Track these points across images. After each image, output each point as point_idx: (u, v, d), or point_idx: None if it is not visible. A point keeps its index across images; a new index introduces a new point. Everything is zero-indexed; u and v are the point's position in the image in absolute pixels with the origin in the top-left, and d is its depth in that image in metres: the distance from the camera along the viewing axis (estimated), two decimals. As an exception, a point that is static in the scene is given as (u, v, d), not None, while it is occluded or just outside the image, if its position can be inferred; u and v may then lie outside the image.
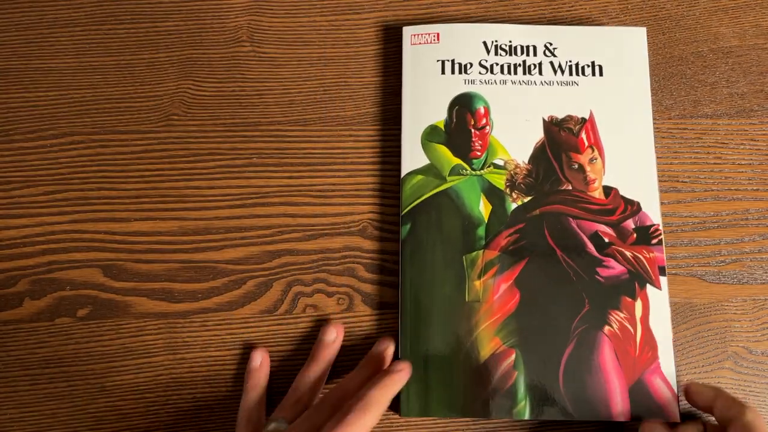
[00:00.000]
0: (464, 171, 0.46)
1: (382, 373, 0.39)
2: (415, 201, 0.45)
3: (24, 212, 0.47)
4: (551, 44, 0.49)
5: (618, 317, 0.43)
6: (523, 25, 0.49)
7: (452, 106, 0.47)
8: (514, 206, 0.45)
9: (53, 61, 0.50)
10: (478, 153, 0.47)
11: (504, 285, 0.44)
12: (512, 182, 0.46)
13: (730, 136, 0.49)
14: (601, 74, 0.48)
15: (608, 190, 0.46)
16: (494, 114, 0.47)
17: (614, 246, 0.45)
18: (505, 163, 0.46)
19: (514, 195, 0.46)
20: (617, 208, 0.45)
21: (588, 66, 0.48)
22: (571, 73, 0.48)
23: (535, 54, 0.49)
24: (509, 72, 0.48)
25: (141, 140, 0.48)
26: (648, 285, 0.44)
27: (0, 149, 0.48)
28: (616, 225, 0.45)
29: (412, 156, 0.46)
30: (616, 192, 0.46)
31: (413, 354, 0.43)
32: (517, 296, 0.44)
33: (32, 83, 0.50)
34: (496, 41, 0.49)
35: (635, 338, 0.43)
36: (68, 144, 0.48)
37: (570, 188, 0.46)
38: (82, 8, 0.52)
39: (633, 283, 0.44)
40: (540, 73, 0.48)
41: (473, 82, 0.48)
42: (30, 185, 0.48)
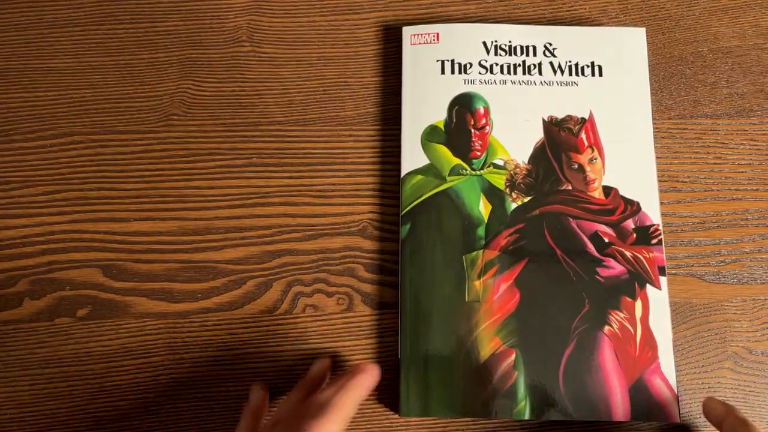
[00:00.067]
0: (464, 171, 0.46)
1: (347, 375, 0.38)
2: (415, 201, 0.45)
3: (24, 212, 0.47)
4: (551, 44, 0.49)
5: (618, 317, 0.43)
6: (523, 26, 0.49)
7: (452, 106, 0.47)
8: (514, 206, 0.45)
9: (53, 61, 0.50)
10: (478, 153, 0.47)
11: (504, 285, 0.44)
12: (512, 182, 0.46)
13: (730, 136, 0.49)
14: (601, 74, 0.48)
15: (608, 190, 0.46)
16: (494, 114, 0.47)
17: (614, 246, 0.45)
18: (505, 163, 0.46)
19: (514, 195, 0.46)
20: (617, 208, 0.45)
21: (588, 66, 0.48)
22: (571, 74, 0.48)
23: (535, 54, 0.49)
24: (509, 72, 0.48)
25: (141, 140, 0.48)
26: (648, 285, 0.44)
27: (0, 149, 0.48)
28: (616, 225, 0.45)
29: (412, 156, 0.46)
30: (616, 192, 0.46)
31: (413, 354, 0.43)
32: (517, 296, 0.44)
33: (32, 83, 0.50)
34: (496, 41, 0.49)
35: (635, 338, 0.43)
36: (68, 144, 0.48)
37: (570, 188, 0.46)
38: (82, 8, 0.52)
39: (633, 283, 0.44)
40: (540, 73, 0.48)
41: (473, 82, 0.48)
42: (30, 185, 0.47)
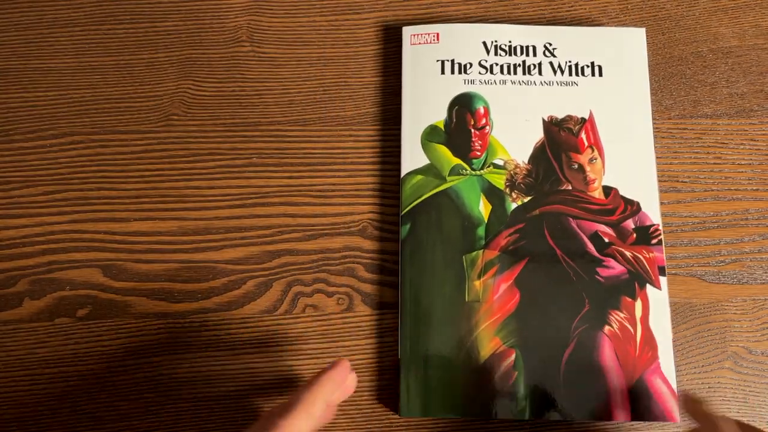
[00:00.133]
0: (464, 171, 0.46)
1: (318, 373, 0.36)
2: (415, 201, 0.45)
3: (23, 212, 0.47)
4: (551, 44, 0.49)
5: (618, 317, 0.43)
6: (523, 26, 0.49)
7: (452, 106, 0.47)
8: (514, 206, 0.45)
9: (53, 61, 0.50)
10: (478, 153, 0.47)
11: (504, 285, 0.44)
12: (512, 182, 0.46)
13: (730, 136, 0.49)
14: (601, 74, 0.48)
15: (608, 190, 0.46)
16: (494, 114, 0.47)
17: (614, 246, 0.45)
18: (505, 163, 0.46)
19: (514, 195, 0.46)
20: (617, 208, 0.45)
21: (588, 66, 0.48)
22: (571, 74, 0.48)
23: (535, 54, 0.49)
24: (509, 72, 0.48)
25: (141, 140, 0.48)
26: (648, 285, 0.44)
27: (0, 149, 0.48)
28: (616, 225, 0.45)
29: (412, 156, 0.46)
30: (616, 192, 0.46)
31: (413, 354, 0.43)
32: (517, 296, 0.44)
33: (32, 83, 0.50)
34: (496, 41, 0.49)
35: (635, 338, 0.43)
36: (68, 144, 0.48)
37: (570, 188, 0.46)
38: (82, 8, 0.52)
39: (633, 283, 0.44)
40: (540, 74, 0.48)
41: (473, 82, 0.48)
42: (29, 185, 0.47)
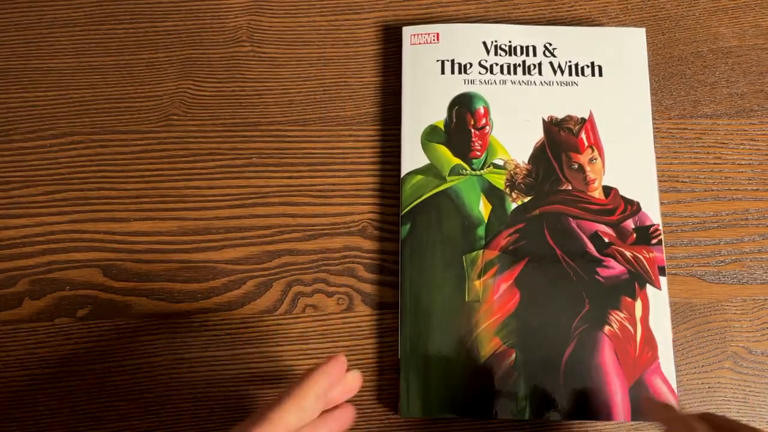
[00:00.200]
0: (464, 171, 0.46)
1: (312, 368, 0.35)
2: (415, 201, 0.45)
3: (23, 212, 0.47)
4: (551, 44, 0.49)
5: (618, 317, 0.43)
6: (523, 26, 0.49)
7: (452, 106, 0.47)
8: (514, 206, 0.45)
9: (52, 61, 0.50)
10: (478, 153, 0.47)
11: (504, 285, 0.44)
12: (512, 182, 0.46)
13: (730, 136, 0.49)
14: (601, 74, 0.48)
15: (608, 190, 0.46)
16: (494, 114, 0.47)
17: (614, 246, 0.45)
18: (505, 163, 0.46)
19: (514, 195, 0.46)
20: (617, 208, 0.45)
21: (588, 66, 0.48)
22: (571, 74, 0.48)
23: (535, 54, 0.49)
24: (509, 72, 0.48)
25: (141, 140, 0.48)
26: (648, 285, 0.44)
27: (0, 149, 0.48)
28: (616, 225, 0.45)
29: (412, 156, 0.46)
30: (616, 192, 0.46)
31: (413, 354, 0.43)
32: (517, 296, 0.44)
33: (31, 83, 0.50)
34: (496, 41, 0.49)
35: (635, 338, 0.43)
36: (68, 144, 0.48)
37: (570, 188, 0.46)
38: (81, 8, 0.52)
39: (633, 283, 0.44)
40: (540, 74, 0.48)
41: (473, 82, 0.48)
42: (29, 185, 0.47)
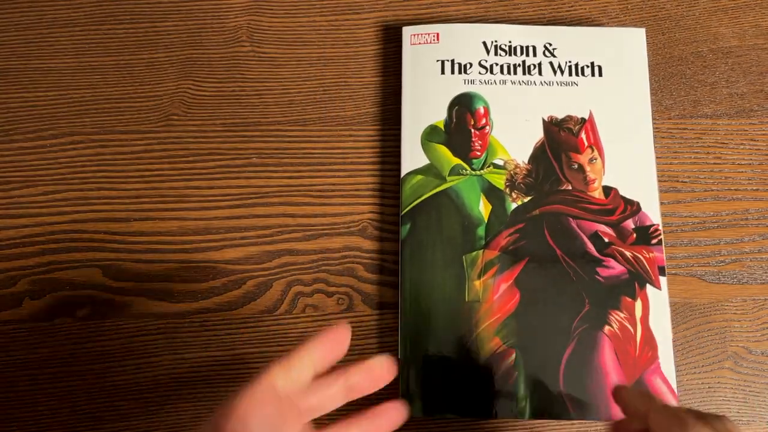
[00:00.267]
0: (464, 171, 0.46)
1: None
2: (415, 201, 0.45)
3: (23, 212, 0.47)
4: (551, 44, 0.49)
5: (618, 317, 0.43)
6: (523, 26, 0.49)
7: (452, 106, 0.47)
8: (514, 206, 0.45)
9: (52, 61, 0.50)
10: (478, 153, 0.47)
11: (504, 285, 0.44)
12: (512, 182, 0.46)
13: (730, 136, 0.49)
14: (601, 74, 0.48)
15: (608, 190, 0.46)
16: (494, 114, 0.47)
17: (614, 246, 0.45)
18: (505, 163, 0.46)
19: (514, 195, 0.46)
20: (617, 208, 0.45)
21: (588, 66, 0.48)
22: (571, 74, 0.48)
23: (535, 54, 0.49)
24: (509, 72, 0.48)
25: (141, 140, 0.48)
26: (648, 285, 0.44)
27: (0, 149, 0.48)
28: (616, 225, 0.45)
29: (412, 156, 0.46)
30: (616, 192, 0.46)
31: (413, 354, 0.43)
32: (517, 296, 0.44)
33: (32, 83, 0.50)
34: (496, 41, 0.49)
35: (635, 338, 0.43)
36: (68, 144, 0.48)
37: (570, 188, 0.46)
38: (82, 8, 0.52)
39: (633, 283, 0.44)
40: (540, 74, 0.48)
41: (473, 82, 0.48)
42: (29, 185, 0.47)
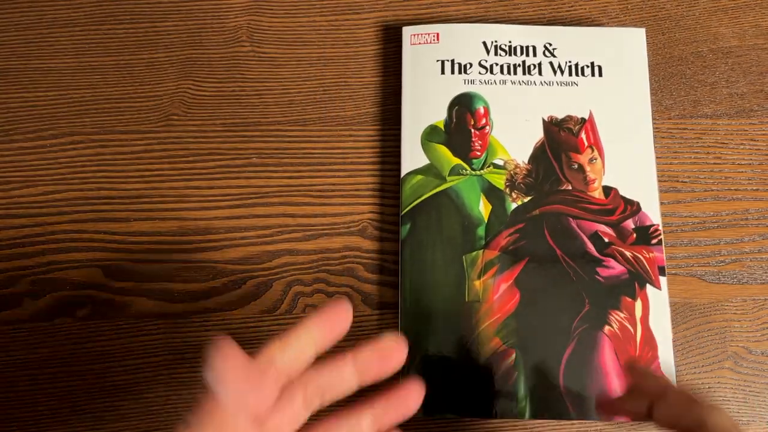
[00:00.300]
0: (464, 171, 0.46)
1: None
2: (415, 201, 0.45)
3: (23, 212, 0.47)
4: (551, 44, 0.49)
5: (618, 317, 0.43)
6: (523, 26, 0.49)
7: (452, 106, 0.47)
8: (514, 206, 0.45)
9: (52, 61, 0.50)
10: (478, 153, 0.47)
11: (504, 285, 0.44)
12: (512, 182, 0.46)
13: (730, 136, 0.49)
14: (601, 74, 0.48)
15: (608, 190, 0.46)
16: (494, 114, 0.47)
17: (614, 246, 0.45)
18: (505, 163, 0.46)
19: (514, 195, 0.46)
20: (617, 208, 0.45)
21: (588, 66, 0.48)
22: (571, 74, 0.48)
23: (535, 54, 0.49)
24: (509, 72, 0.48)
25: (141, 140, 0.48)
26: (648, 285, 0.44)
27: (0, 149, 0.48)
28: (616, 225, 0.45)
29: (412, 156, 0.46)
30: (616, 192, 0.46)
31: (413, 354, 0.43)
32: (517, 296, 0.44)
33: (32, 83, 0.50)
34: (496, 41, 0.49)
35: (635, 338, 0.43)
36: (68, 144, 0.48)
37: (570, 188, 0.46)
38: (81, 8, 0.52)
39: (633, 283, 0.44)
40: (540, 74, 0.48)
41: (473, 82, 0.48)
42: (29, 185, 0.47)
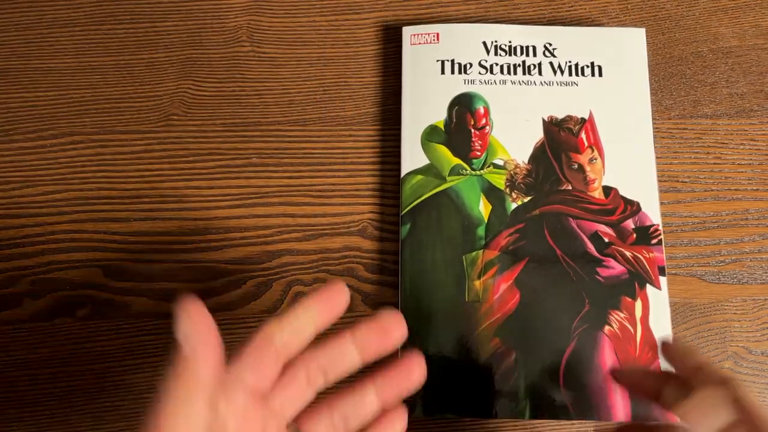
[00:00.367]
0: (464, 171, 0.46)
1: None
2: (415, 201, 0.45)
3: (23, 212, 0.47)
4: (551, 44, 0.49)
5: (618, 317, 0.43)
6: (523, 26, 0.49)
7: (452, 106, 0.47)
8: (514, 206, 0.45)
9: (52, 61, 0.50)
10: (478, 153, 0.47)
11: (504, 285, 0.44)
12: (512, 182, 0.46)
13: (730, 136, 0.49)
14: (601, 74, 0.48)
15: (608, 190, 0.46)
16: (494, 114, 0.47)
17: (614, 246, 0.45)
18: (505, 163, 0.46)
19: (514, 195, 0.46)
20: (617, 208, 0.45)
21: (587, 66, 0.48)
22: (571, 74, 0.48)
23: (535, 54, 0.49)
24: (509, 72, 0.48)
25: (141, 140, 0.48)
26: (648, 285, 0.44)
27: (0, 149, 0.48)
28: (616, 225, 0.45)
29: (412, 156, 0.46)
30: (616, 192, 0.46)
31: (413, 354, 0.43)
32: (517, 296, 0.44)
33: (32, 83, 0.50)
34: (496, 41, 0.49)
35: (635, 338, 0.43)
36: (68, 144, 0.48)
37: (570, 188, 0.46)
38: (82, 8, 0.52)
39: (633, 283, 0.44)
40: (540, 74, 0.48)
41: (473, 82, 0.48)
42: (29, 185, 0.47)
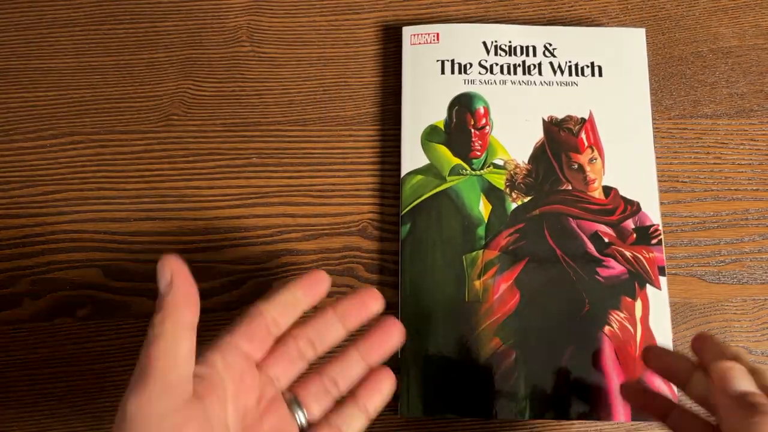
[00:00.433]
0: (464, 171, 0.46)
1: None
2: (415, 201, 0.45)
3: (23, 212, 0.47)
4: (551, 44, 0.49)
5: (618, 317, 0.43)
6: (523, 26, 0.49)
7: (452, 106, 0.47)
8: (514, 206, 0.45)
9: (52, 61, 0.50)
10: (478, 153, 0.47)
11: (504, 285, 0.44)
12: (512, 182, 0.46)
13: (730, 136, 0.49)
14: (601, 75, 0.48)
15: (608, 190, 0.46)
16: (494, 114, 0.47)
17: (614, 246, 0.45)
18: (505, 163, 0.46)
19: (514, 195, 0.46)
20: (617, 208, 0.45)
21: (587, 66, 0.48)
22: (571, 74, 0.48)
23: (535, 54, 0.49)
24: (509, 72, 0.48)
25: (141, 140, 0.48)
26: (648, 285, 0.44)
27: (0, 149, 0.48)
28: (616, 225, 0.45)
29: (412, 156, 0.46)
30: (616, 192, 0.46)
31: (413, 354, 0.43)
32: (517, 296, 0.44)
33: (32, 83, 0.50)
34: (496, 41, 0.49)
35: (635, 338, 0.43)
36: (68, 144, 0.48)
37: (570, 188, 0.46)
38: (82, 8, 0.52)
39: (633, 283, 0.44)
40: (540, 74, 0.48)
41: (473, 82, 0.48)
42: (29, 185, 0.47)
